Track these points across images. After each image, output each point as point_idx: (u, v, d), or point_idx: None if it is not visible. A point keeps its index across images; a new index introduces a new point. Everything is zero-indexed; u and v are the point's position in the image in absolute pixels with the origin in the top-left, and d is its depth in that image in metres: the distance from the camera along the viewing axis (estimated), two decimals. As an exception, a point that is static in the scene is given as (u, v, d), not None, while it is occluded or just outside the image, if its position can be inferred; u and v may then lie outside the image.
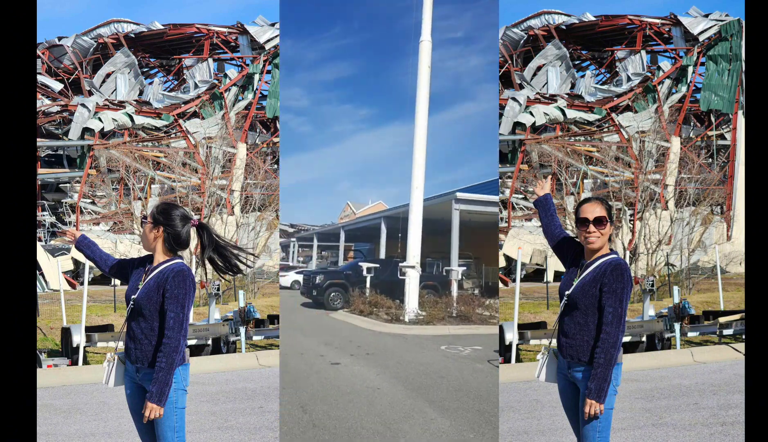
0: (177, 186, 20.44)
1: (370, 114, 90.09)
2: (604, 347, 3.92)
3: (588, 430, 3.98)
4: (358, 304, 18.96)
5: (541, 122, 21.58)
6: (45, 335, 13.00)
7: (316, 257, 43.22)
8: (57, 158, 22.71)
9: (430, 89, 18.64)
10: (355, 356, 11.80)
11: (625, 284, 3.96)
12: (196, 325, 12.24)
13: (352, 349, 12.73)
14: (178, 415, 4.03)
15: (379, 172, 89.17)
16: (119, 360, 4.18)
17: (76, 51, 23.27)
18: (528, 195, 21.58)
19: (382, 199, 56.11)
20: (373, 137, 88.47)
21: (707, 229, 20.52)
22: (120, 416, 7.92)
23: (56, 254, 18.81)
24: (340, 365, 10.83)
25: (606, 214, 4.10)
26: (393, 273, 19.95)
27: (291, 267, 37.54)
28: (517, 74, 22.98)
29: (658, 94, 22.00)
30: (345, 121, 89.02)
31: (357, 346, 13.17)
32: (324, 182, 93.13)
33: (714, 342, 12.63)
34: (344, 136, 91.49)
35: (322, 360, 11.30)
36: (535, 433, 7.35)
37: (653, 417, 7.87)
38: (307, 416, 7.52)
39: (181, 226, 4.13)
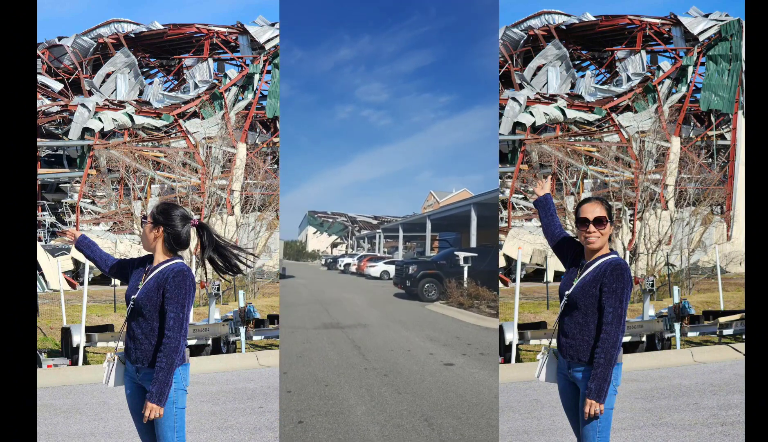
0: (177, 186, 20.44)
1: (450, 101, 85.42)
2: (604, 347, 3.92)
3: (588, 430, 3.98)
4: (457, 296, 18.25)
5: (541, 122, 21.57)
6: (45, 335, 13.00)
7: (402, 247, 43.67)
8: (57, 158, 22.71)
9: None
10: (468, 357, 11.06)
11: (625, 284, 3.97)
12: (196, 325, 12.24)
13: (462, 347, 12.07)
14: (178, 415, 4.03)
15: (461, 160, 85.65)
16: (119, 360, 4.18)
17: (76, 51, 23.26)
18: (528, 195, 21.58)
19: (466, 187, 54.96)
20: (454, 124, 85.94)
21: (707, 229, 20.51)
22: (120, 416, 7.92)
23: (56, 254, 18.81)
24: (455, 367, 10.20)
25: (606, 214, 4.10)
26: (492, 263, 19.77)
27: (379, 258, 38.21)
28: (517, 74, 22.97)
29: (658, 94, 22.00)
30: (425, 111, 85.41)
31: (467, 343, 12.46)
32: (406, 173, 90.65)
33: (714, 342, 12.63)
34: (424, 125, 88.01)
35: (433, 359, 10.77)
36: (535, 433, 7.35)
37: (653, 417, 7.87)
38: (435, 432, 6.88)
39: (181, 226, 4.13)
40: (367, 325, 15.06)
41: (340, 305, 19.79)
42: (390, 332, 13.97)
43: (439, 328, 14.58)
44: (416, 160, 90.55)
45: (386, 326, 14.78)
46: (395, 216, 52.43)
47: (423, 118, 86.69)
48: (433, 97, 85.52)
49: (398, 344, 12.41)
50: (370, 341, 12.63)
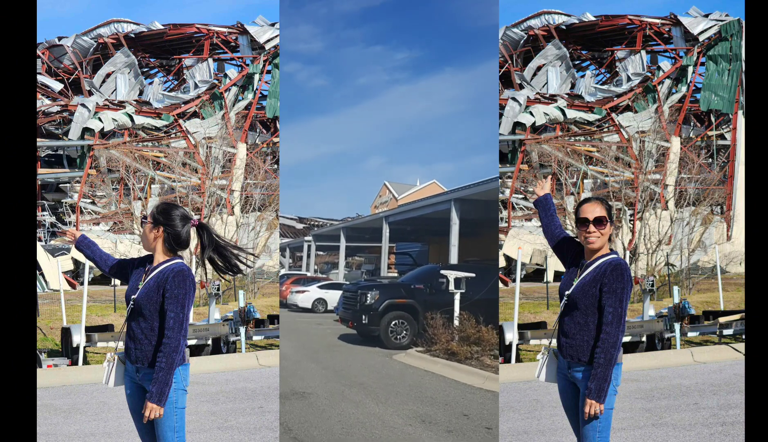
0: (177, 186, 20.44)
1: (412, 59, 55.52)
2: (604, 347, 3.92)
3: (588, 430, 3.98)
4: (445, 340, 11.68)
5: (541, 122, 21.58)
6: (45, 335, 13.00)
7: (343, 264, 29.71)
8: (57, 158, 22.71)
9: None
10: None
11: (625, 283, 3.97)
12: (196, 325, 12.24)
13: (473, 426, 7.54)
14: (178, 415, 4.02)
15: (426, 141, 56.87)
16: (119, 360, 4.18)
17: (76, 51, 23.26)
18: (528, 195, 21.59)
19: (435, 179, 40.80)
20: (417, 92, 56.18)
21: (707, 229, 20.52)
22: (120, 416, 7.92)
23: (56, 254, 18.81)
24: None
25: (606, 214, 4.10)
26: (494, 289, 13.76)
27: (311, 279, 26.45)
28: (517, 74, 22.98)
29: (658, 94, 22.00)
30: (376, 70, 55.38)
31: (484, 426, 7.52)
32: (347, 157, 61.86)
33: (714, 342, 12.64)
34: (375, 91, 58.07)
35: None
36: (535, 433, 7.35)
37: (653, 417, 7.87)
38: None
39: (181, 226, 4.13)
40: (307, 393, 9.27)
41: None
42: (349, 408, 8.41)
43: (430, 397, 9.11)
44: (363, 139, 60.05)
45: (340, 396, 9.14)
46: (330, 218, 37.79)
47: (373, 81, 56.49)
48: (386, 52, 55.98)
49: (370, 431, 7.33)
50: (319, 428, 7.46)
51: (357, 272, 33.30)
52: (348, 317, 14.79)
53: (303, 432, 7.27)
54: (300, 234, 36.29)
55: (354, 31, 54.47)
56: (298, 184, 52.93)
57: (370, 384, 10.03)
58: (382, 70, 56.12)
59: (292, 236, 37.18)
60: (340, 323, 15.69)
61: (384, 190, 44.08)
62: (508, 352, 11.22)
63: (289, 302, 24.42)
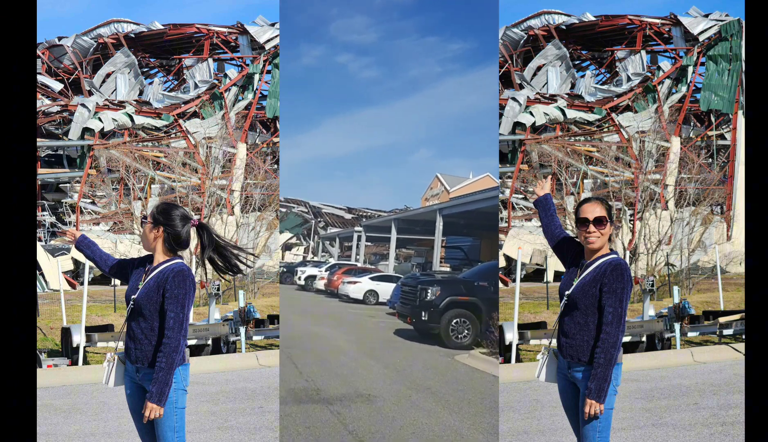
0: (177, 186, 20.44)
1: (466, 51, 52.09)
2: (604, 347, 3.92)
3: (588, 430, 3.98)
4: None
5: (541, 122, 21.59)
6: (45, 335, 13.00)
7: (393, 256, 28.78)
8: (57, 158, 22.71)
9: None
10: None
11: (625, 283, 3.97)
12: (196, 325, 12.24)
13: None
14: (178, 415, 4.02)
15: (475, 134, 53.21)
16: (119, 360, 4.18)
17: (76, 51, 23.27)
18: (528, 195, 21.59)
19: (489, 172, 38.51)
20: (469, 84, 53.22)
21: (707, 229, 20.52)
22: (120, 416, 7.92)
23: (56, 254, 18.81)
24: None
25: (606, 214, 4.10)
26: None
27: (362, 270, 25.95)
28: (517, 74, 22.98)
29: (658, 94, 22.00)
30: (429, 62, 52.23)
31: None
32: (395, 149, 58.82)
33: (714, 342, 12.63)
34: (427, 83, 54.85)
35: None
36: (535, 433, 7.35)
37: (653, 417, 7.87)
38: None
39: (181, 226, 4.13)
40: (372, 396, 8.87)
41: (316, 352, 12.72)
42: (421, 417, 7.89)
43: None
44: (413, 131, 56.66)
45: (407, 401, 8.63)
46: (379, 209, 37.64)
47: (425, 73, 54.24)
48: (440, 43, 52.89)
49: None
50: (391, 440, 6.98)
51: (407, 264, 32.48)
52: (406, 312, 14.36)
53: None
54: (348, 224, 35.69)
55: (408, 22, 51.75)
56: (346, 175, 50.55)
57: (438, 389, 9.46)
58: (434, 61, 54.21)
59: (341, 226, 36.47)
60: (397, 318, 15.10)
61: (436, 182, 42.84)
62: (508, 352, 11.22)
63: (340, 293, 24.12)
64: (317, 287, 28.34)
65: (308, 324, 17.49)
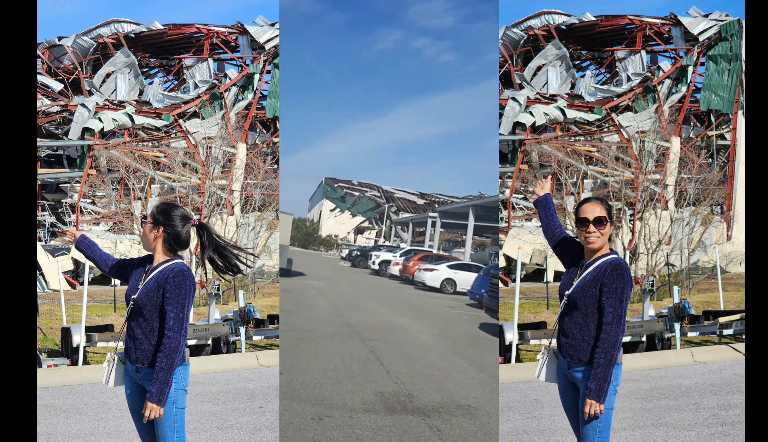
0: (177, 186, 20.44)
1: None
2: (604, 347, 3.92)
3: (588, 430, 3.98)
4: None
5: (541, 122, 21.58)
6: (45, 335, 12.99)
7: (470, 243, 27.21)
8: (57, 158, 22.71)
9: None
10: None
11: (625, 283, 3.97)
12: (196, 325, 12.24)
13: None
14: (178, 415, 4.03)
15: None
16: (119, 360, 4.19)
17: (76, 51, 23.26)
18: (528, 195, 21.58)
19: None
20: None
21: (707, 229, 20.52)
22: (120, 416, 7.92)
23: (56, 254, 18.81)
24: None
25: (606, 214, 4.10)
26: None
27: (439, 258, 24.57)
28: (517, 74, 22.97)
29: (658, 94, 22.00)
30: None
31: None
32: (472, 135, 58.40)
33: (714, 342, 12.63)
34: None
35: None
36: (535, 433, 7.35)
37: (653, 417, 7.87)
38: None
39: (181, 226, 4.13)
40: (473, 408, 7.87)
41: (400, 347, 11.61)
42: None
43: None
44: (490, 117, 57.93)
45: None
46: (453, 196, 36.58)
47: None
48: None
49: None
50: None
51: (484, 253, 30.67)
52: (495, 307, 13.39)
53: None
54: (420, 210, 34.35)
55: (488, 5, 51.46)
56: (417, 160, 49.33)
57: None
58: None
59: (413, 211, 35.32)
60: (485, 312, 14.16)
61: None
62: (508, 352, 11.22)
63: (416, 279, 23.10)
64: (391, 272, 27.46)
65: (386, 313, 16.72)
